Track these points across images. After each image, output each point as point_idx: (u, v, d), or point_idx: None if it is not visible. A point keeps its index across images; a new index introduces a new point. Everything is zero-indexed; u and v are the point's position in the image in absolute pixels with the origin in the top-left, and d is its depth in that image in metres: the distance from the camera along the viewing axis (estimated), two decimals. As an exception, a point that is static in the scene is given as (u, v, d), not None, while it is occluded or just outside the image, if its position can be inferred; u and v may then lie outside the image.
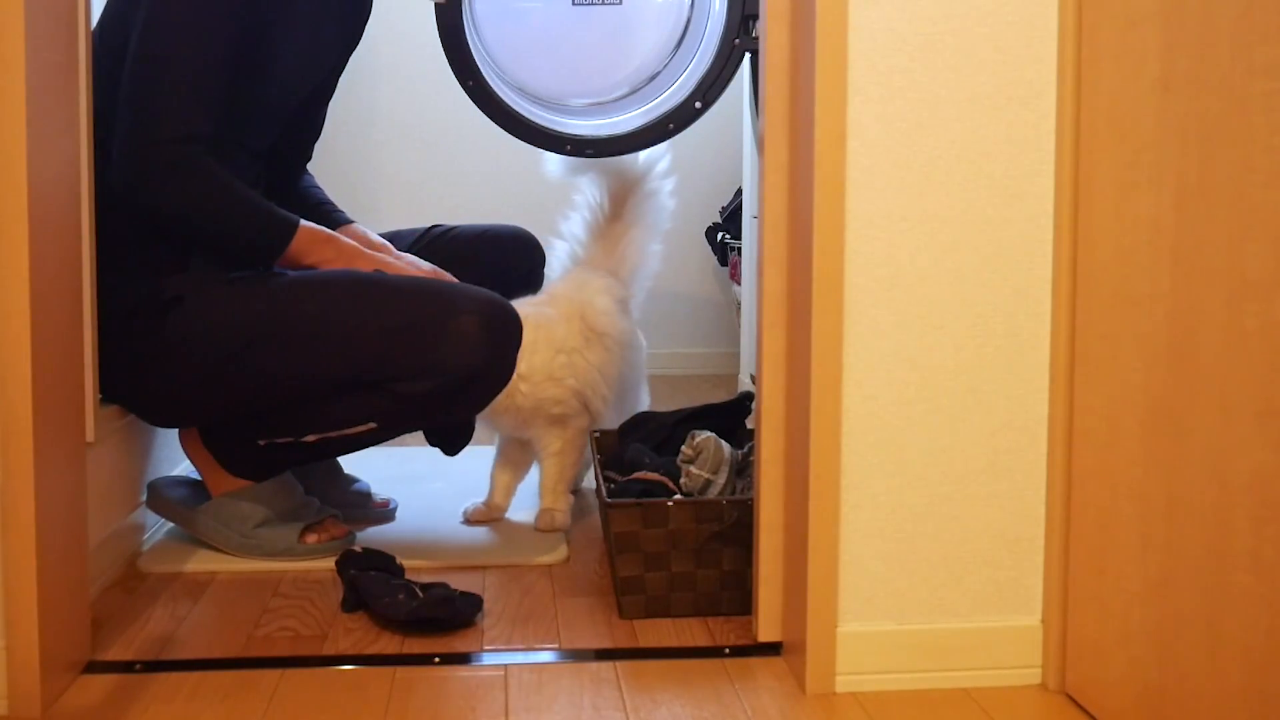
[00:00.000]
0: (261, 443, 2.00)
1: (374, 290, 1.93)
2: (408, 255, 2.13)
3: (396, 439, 2.13)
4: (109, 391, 1.93)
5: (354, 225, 2.24)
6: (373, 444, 2.03)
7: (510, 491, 2.24)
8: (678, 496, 1.85)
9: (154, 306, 1.92)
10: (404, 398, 1.90)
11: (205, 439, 2.04)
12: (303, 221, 1.97)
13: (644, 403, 2.38)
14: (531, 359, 2.11)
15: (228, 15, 1.88)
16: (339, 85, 2.29)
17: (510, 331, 1.93)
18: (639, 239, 2.39)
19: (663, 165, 2.40)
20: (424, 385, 1.89)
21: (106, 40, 1.91)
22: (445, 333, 1.87)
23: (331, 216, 2.24)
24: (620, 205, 2.39)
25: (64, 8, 1.56)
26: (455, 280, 2.04)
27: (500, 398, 2.02)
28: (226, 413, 1.99)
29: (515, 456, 2.24)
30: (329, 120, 2.35)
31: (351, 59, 2.28)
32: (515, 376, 2.03)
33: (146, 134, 1.82)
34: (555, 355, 2.16)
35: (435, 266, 2.09)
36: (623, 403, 2.30)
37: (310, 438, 1.98)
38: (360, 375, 1.90)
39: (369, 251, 2.03)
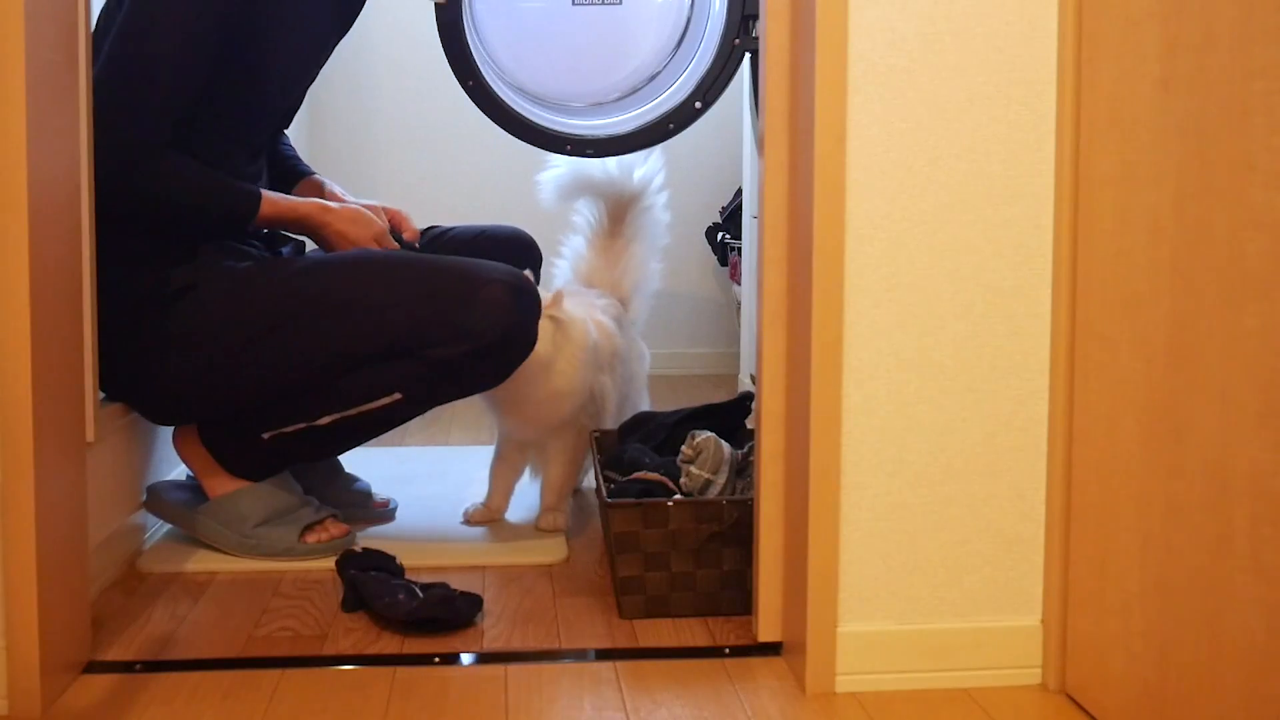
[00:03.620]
0: (266, 436, 2.00)
1: (401, 265, 2.00)
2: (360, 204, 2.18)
3: (392, 439, 2.14)
4: (113, 388, 1.94)
5: (315, 177, 2.29)
6: (387, 425, 2.05)
7: (509, 491, 2.24)
8: (678, 496, 1.85)
9: (163, 295, 1.94)
10: (434, 363, 1.93)
11: (204, 438, 2.04)
12: (264, 193, 2.01)
13: (644, 407, 2.38)
14: (582, 372, 2.14)
15: (204, 22, 1.88)
16: (340, 86, 2.29)
17: (533, 300, 1.99)
18: (640, 255, 2.40)
19: (659, 180, 2.40)
20: (456, 349, 1.92)
21: (99, 39, 1.91)
22: (476, 298, 1.92)
23: (296, 170, 2.31)
24: (619, 223, 2.39)
25: (64, 8, 1.56)
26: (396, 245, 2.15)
27: (547, 407, 2.10)
28: (244, 400, 1.99)
29: (513, 457, 2.24)
30: (329, 122, 2.35)
31: (352, 59, 2.28)
32: (567, 389, 2.11)
33: (104, 137, 1.79)
34: (598, 374, 2.19)
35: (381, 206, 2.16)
36: (619, 412, 2.30)
37: (325, 420, 1.98)
38: (394, 344, 1.93)
39: (334, 205, 2.09)
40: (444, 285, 1.93)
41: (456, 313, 1.91)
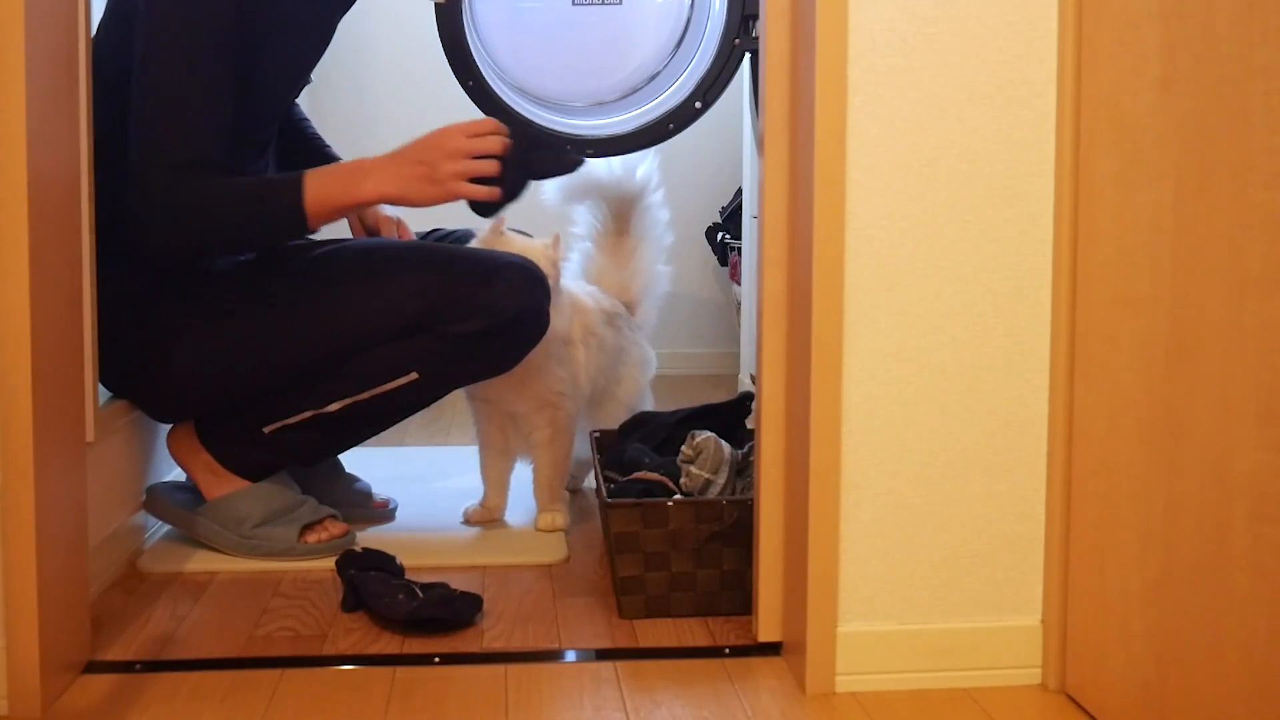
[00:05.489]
0: (268, 430, 2.00)
1: (417, 248, 2.04)
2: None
3: (392, 439, 2.13)
4: (118, 383, 1.94)
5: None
6: (396, 414, 2.06)
7: (504, 485, 2.23)
8: (678, 496, 1.85)
9: (173, 284, 1.95)
10: (452, 339, 1.96)
11: (202, 437, 2.04)
12: (308, 173, 1.93)
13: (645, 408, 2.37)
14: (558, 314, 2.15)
15: (220, 37, 1.88)
16: (340, 85, 2.28)
17: (545, 286, 2.03)
18: (648, 256, 2.40)
19: (657, 178, 2.40)
20: (473, 325, 1.95)
21: (105, 39, 1.92)
22: (495, 276, 1.97)
23: (324, 153, 2.32)
24: (625, 222, 2.38)
25: (64, 8, 1.56)
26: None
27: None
28: (259, 384, 1.99)
29: (499, 445, 2.22)
30: (329, 122, 2.35)
31: (352, 59, 2.28)
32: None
33: (149, 164, 1.82)
34: (566, 344, 2.18)
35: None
36: (605, 409, 2.30)
37: (335, 405, 1.98)
38: (413, 320, 1.95)
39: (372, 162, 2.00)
40: (461, 265, 1.99)
41: (475, 289, 1.95)
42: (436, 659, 1.64)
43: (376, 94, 3.68)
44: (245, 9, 1.91)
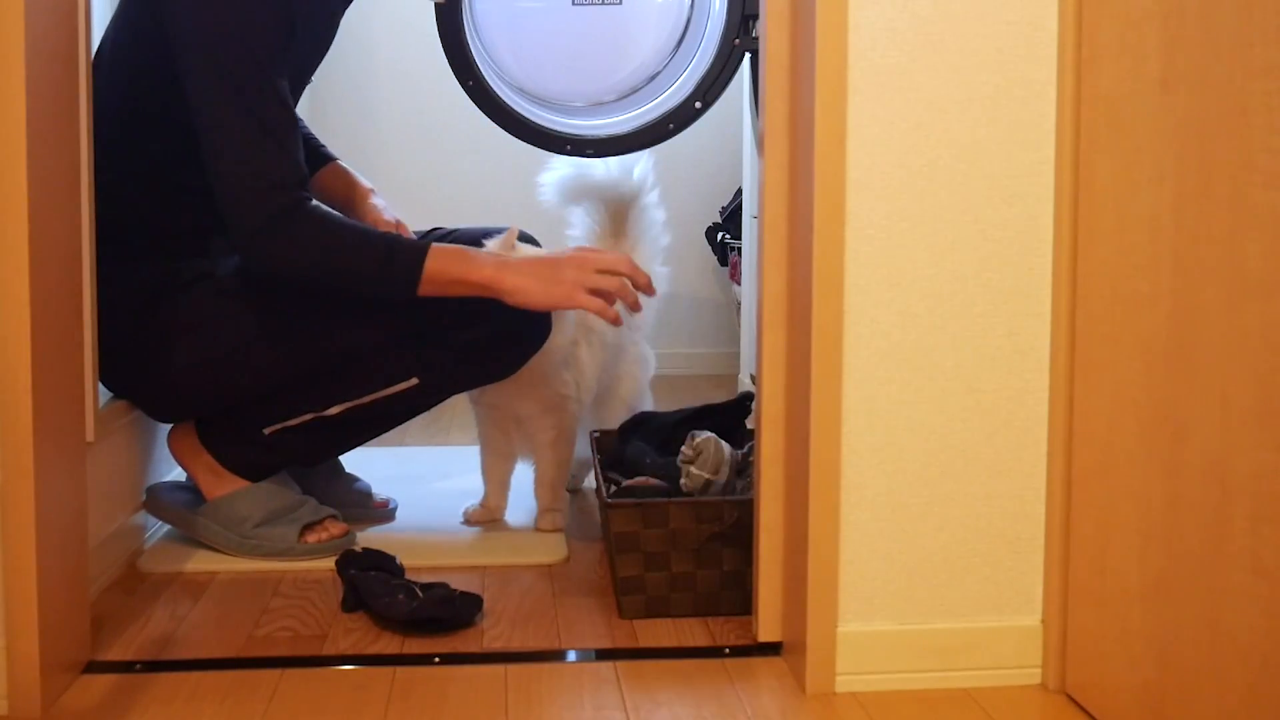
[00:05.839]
0: (268, 431, 2.00)
1: None
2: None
3: (392, 439, 2.13)
4: (119, 384, 1.94)
5: (339, 163, 2.30)
6: (396, 418, 2.06)
7: (505, 486, 2.23)
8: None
9: (175, 286, 1.95)
10: (453, 345, 1.96)
11: (203, 437, 2.04)
12: (433, 244, 1.91)
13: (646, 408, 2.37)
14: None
15: (280, 47, 1.89)
16: (340, 85, 2.28)
17: None
18: (645, 256, 2.39)
19: (653, 178, 2.40)
20: (475, 332, 1.95)
21: (111, 45, 1.92)
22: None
23: (319, 152, 2.30)
24: (622, 223, 2.38)
25: (64, 7, 1.56)
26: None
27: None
28: (258, 387, 1.99)
29: (501, 447, 2.22)
30: (329, 121, 2.35)
31: (352, 59, 2.28)
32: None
33: (255, 188, 1.83)
34: (573, 345, 2.18)
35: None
36: (605, 409, 2.30)
37: (334, 410, 1.98)
38: (414, 325, 1.95)
39: (500, 253, 1.98)
40: None
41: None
42: (436, 659, 1.64)
43: (376, 94, 3.68)
44: (285, 14, 1.91)
